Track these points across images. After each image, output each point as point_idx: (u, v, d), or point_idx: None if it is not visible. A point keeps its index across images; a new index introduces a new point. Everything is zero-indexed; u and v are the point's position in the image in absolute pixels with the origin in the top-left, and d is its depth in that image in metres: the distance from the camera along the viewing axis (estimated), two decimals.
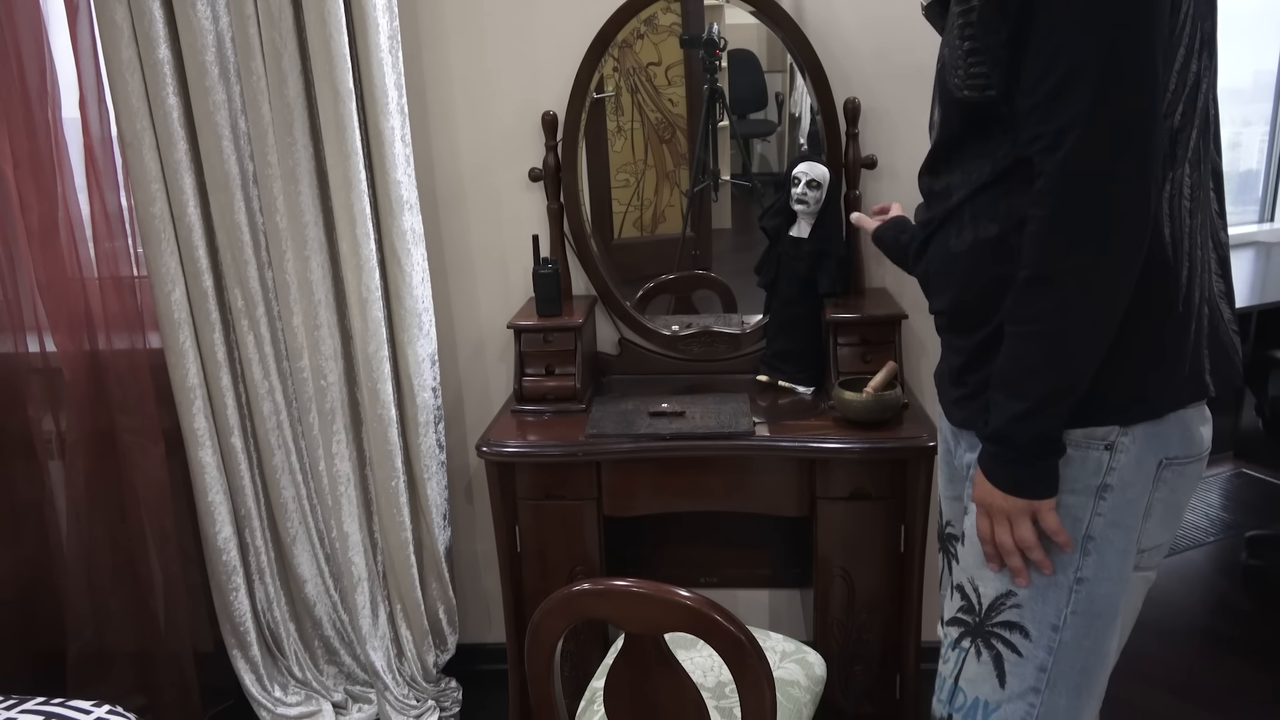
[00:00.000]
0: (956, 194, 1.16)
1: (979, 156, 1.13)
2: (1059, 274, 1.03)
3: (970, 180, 1.14)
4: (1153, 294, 1.06)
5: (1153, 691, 2.21)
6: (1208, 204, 1.13)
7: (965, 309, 1.18)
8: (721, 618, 1.18)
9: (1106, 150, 0.99)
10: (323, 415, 2.04)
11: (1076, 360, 1.05)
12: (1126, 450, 1.11)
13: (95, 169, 1.98)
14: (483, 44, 2.03)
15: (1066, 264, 1.02)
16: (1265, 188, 3.42)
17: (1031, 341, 1.06)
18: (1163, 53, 1.00)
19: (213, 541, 2.09)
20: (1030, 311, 1.05)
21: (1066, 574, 1.14)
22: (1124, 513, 1.13)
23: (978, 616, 1.20)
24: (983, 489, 1.15)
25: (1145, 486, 1.14)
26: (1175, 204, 1.08)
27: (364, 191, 1.90)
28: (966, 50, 1.09)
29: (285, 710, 2.16)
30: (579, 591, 1.22)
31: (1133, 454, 1.12)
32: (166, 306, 1.98)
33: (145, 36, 1.83)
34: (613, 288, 2.11)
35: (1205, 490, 3.21)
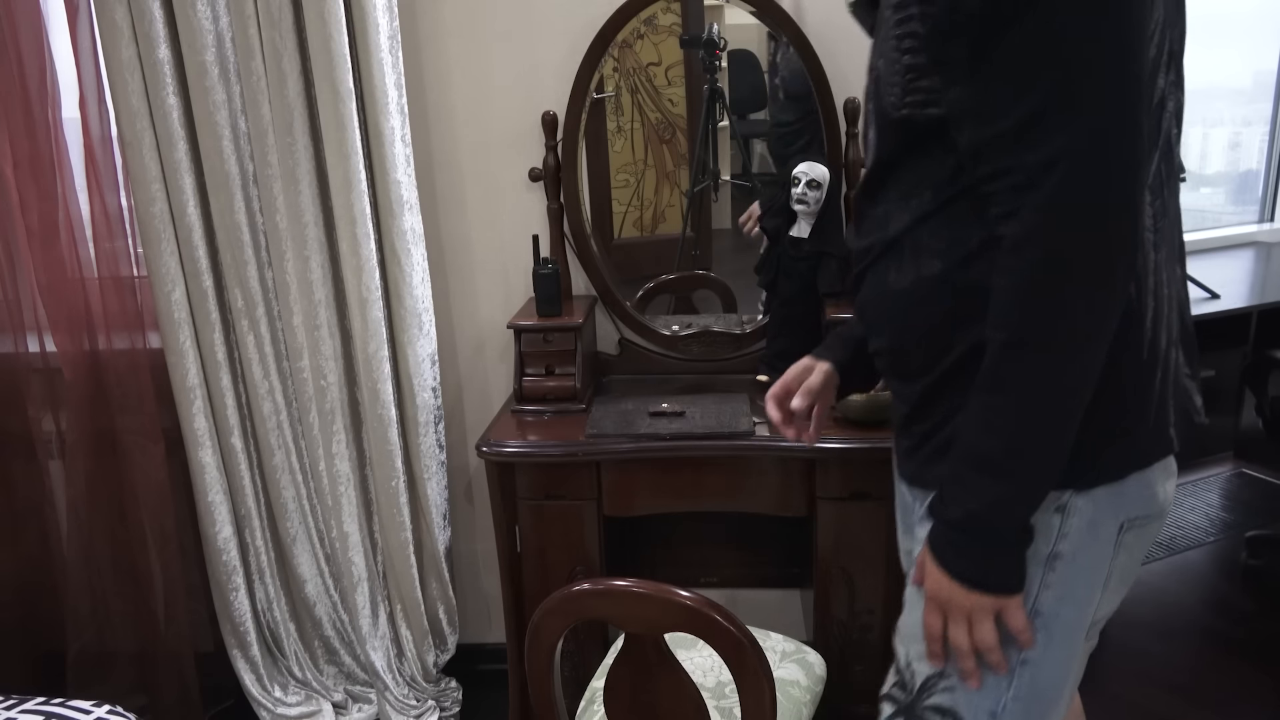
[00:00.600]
0: (895, 223, 1.01)
1: (920, 182, 0.98)
2: (1045, 336, 0.87)
3: (910, 209, 0.99)
4: (1116, 341, 0.90)
5: (1153, 691, 2.21)
6: (1171, 235, 1.02)
7: (907, 353, 1.03)
8: (721, 618, 1.18)
9: (1097, 188, 0.84)
10: (323, 415, 2.04)
11: (1068, 430, 0.90)
12: (1080, 513, 0.96)
13: (95, 169, 1.98)
14: (483, 44, 2.03)
15: (1054, 325, 0.87)
16: (1265, 188, 3.42)
17: (1015, 413, 0.90)
18: (1146, 73, 0.87)
19: (213, 541, 2.09)
20: (1012, 380, 0.90)
21: (1008, 655, 0.97)
22: (1077, 584, 0.98)
23: (909, 694, 1.05)
24: (938, 582, 0.96)
25: (1104, 554, 0.99)
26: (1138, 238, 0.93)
27: (364, 191, 1.90)
28: (907, 65, 0.95)
29: (285, 710, 2.16)
30: (579, 591, 1.22)
31: (1087, 518, 0.97)
32: (166, 306, 1.98)
33: (145, 36, 1.83)
34: (613, 288, 2.11)
35: (1205, 490, 3.21)
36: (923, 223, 0.98)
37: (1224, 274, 2.81)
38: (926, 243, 0.98)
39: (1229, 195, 3.49)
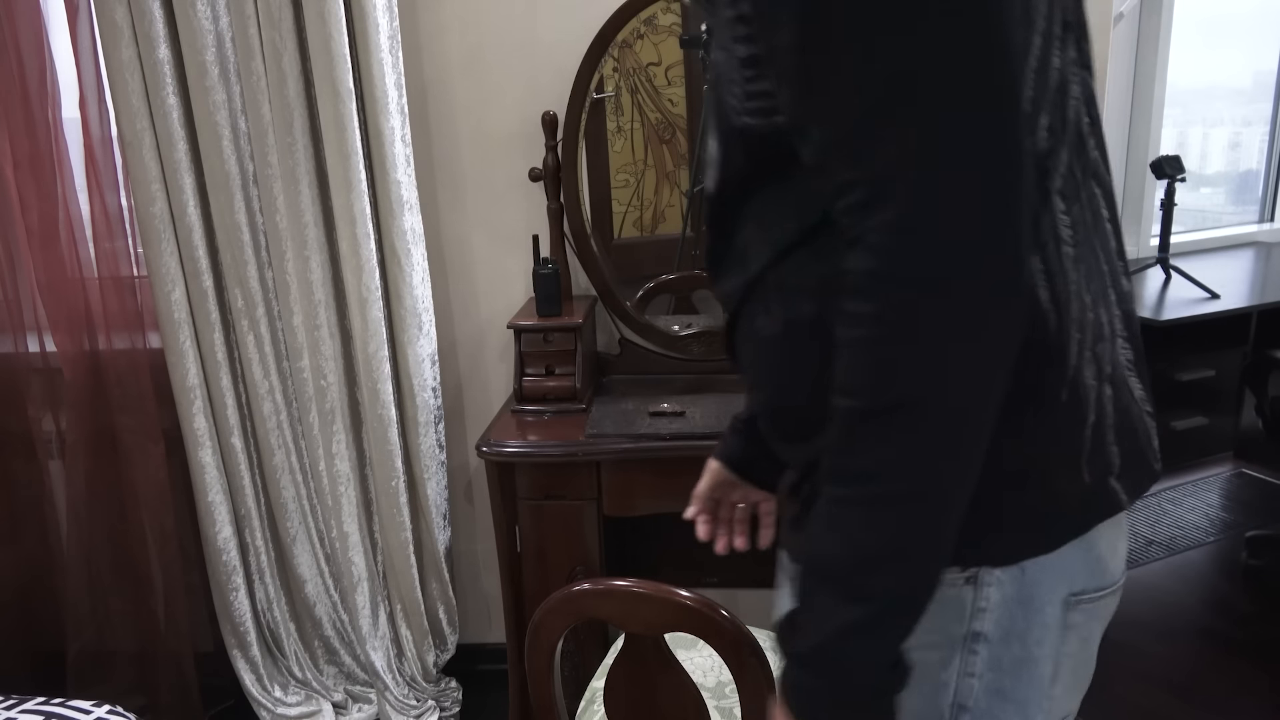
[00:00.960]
0: (755, 259, 0.81)
1: (779, 209, 0.78)
2: (901, 404, 0.65)
3: (771, 241, 0.79)
4: (1025, 386, 0.70)
5: (1153, 691, 2.21)
6: (1097, 247, 0.78)
7: (789, 411, 0.82)
8: (721, 618, 1.18)
9: (951, 205, 0.63)
10: (323, 415, 2.04)
11: (944, 532, 0.68)
12: (1002, 585, 0.76)
13: (95, 169, 1.98)
14: (483, 44, 2.03)
15: (911, 389, 0.65)
16: (1265, 188, 3.42)
17: (868, 512, 0.67)
18: (1021, 47, 0.66)
19: (213, 541, 2.09)
20: (862, 465, 0.67)
21: None
22: (1016, 676, 0.78)
23: None
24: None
25: (1047, 638, 0.78)
26: (1051, 256, 0.73)
27: (364, 191, 1.90)
28: (743, 57, 0.74)
29: (285, 710, 2.16)
30: (579, 591, 1.22)
31: (1013, 591, 0.76)
32: (166, 306, 1.98)
33: (145, 36, 1.83)
34: (613, 288, 2.11)
35: (1205, 490, 3.21)
36: (787, 257, 0.78)
37: (1224, 274, 2.81)
38: (794, 280, 0.78)
39: (1229, 195, 3.49)
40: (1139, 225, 3.02)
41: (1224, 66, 3.27)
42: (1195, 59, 3.05)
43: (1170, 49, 2.87)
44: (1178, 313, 2.47)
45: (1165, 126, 2.97)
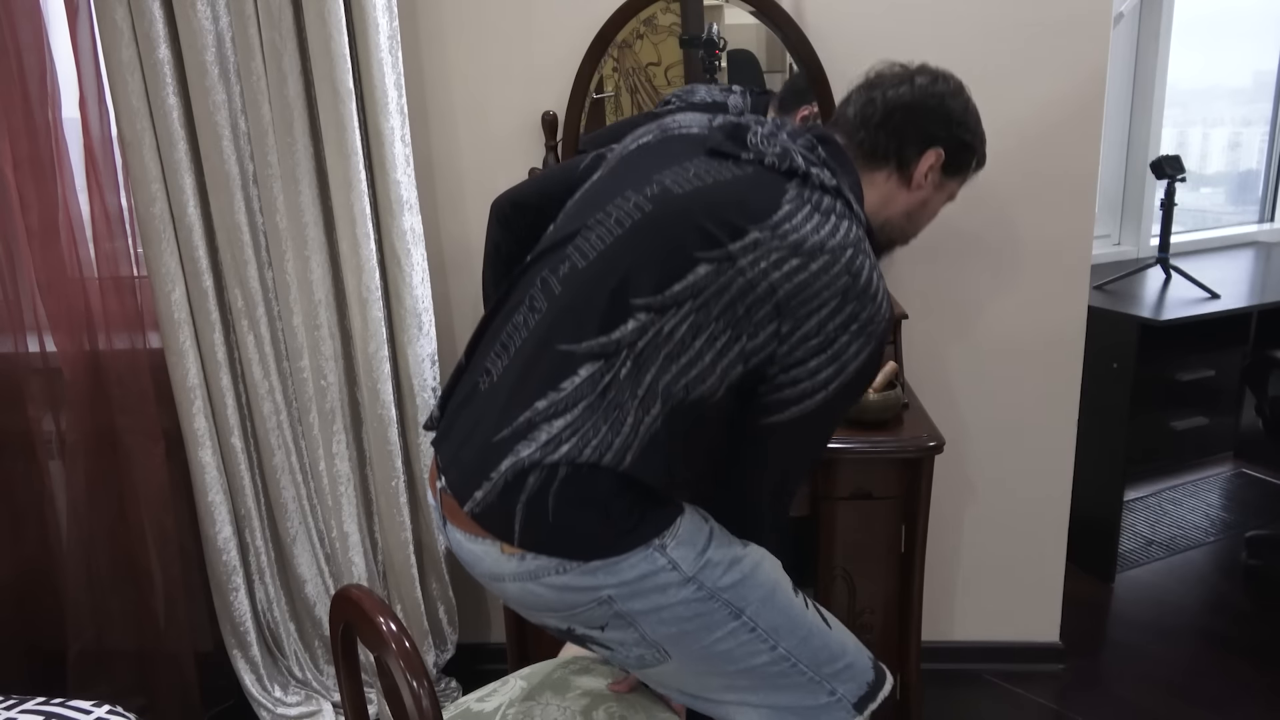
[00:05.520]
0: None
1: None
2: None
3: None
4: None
5: (1153, 691, 2.21)
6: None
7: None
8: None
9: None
10: (323, 415, 2.04)
11: None
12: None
13: (95, 169, 1.98)
14: (483, 44, 2.03)
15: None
16: (1265, 188, 3.42)
17: None
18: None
19: (213, 541, 2.09)
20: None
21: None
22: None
23: None
24: None
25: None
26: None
27: (364, 191, 1.90)
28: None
29: (285, 710, 2.16)
30: None
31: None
32: (166, 306, 1.98)
33: (145, 36, 1.83)
34: None
35: (1205, 490, 3.21)
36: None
37: (1224, 274, 2.81)
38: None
39: (1229, 195, 3.49)
40: (1139, 225, 3.02)
41: (1224, 66, 3.27)
42: (1195, 59, 3.05)
43: (1170, 49, 2.87)
44: (1178, 313, 2.48)
45: (1165, 126, 2.97)
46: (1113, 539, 2.65)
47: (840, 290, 1.13)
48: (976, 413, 2.18)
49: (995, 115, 2.00)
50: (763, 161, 1.19)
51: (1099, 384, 2.46)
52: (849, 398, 1.19)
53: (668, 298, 1.13)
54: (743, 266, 1.12)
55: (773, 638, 1.20)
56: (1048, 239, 2.06)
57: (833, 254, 1.13)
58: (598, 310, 1.15)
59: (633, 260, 1.16)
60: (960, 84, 1.33)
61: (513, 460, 1.12)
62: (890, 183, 1.30)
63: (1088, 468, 2.36)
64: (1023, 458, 2.20)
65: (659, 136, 1.30)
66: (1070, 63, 1.96)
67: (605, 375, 1.13)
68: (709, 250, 1.13)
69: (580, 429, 1.12)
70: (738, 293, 1.12)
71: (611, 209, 1.22)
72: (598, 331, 1.14)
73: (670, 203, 1.18)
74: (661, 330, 1.13)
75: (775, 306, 1.12)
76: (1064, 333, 2.12)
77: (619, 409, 1.12)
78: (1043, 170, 2.02)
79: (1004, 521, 2.25)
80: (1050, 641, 2.32)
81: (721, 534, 1.21)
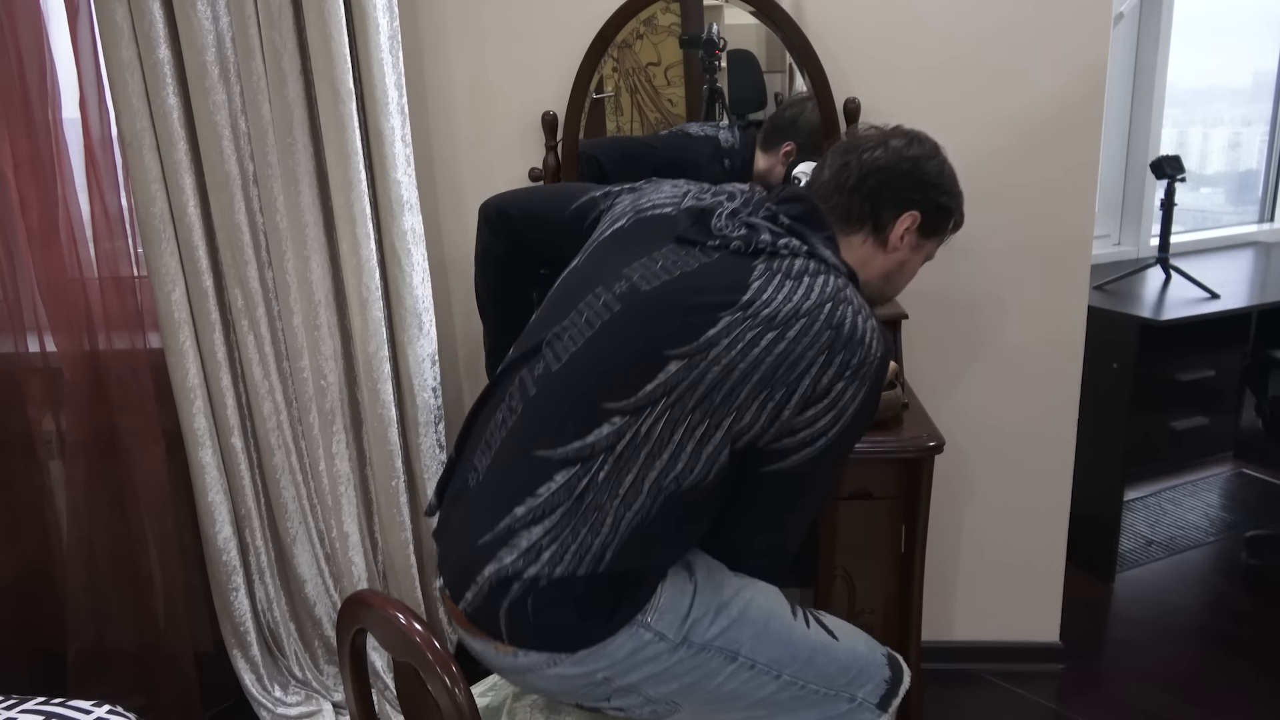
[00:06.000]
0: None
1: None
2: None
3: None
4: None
5: (1153, 691, 2.21)
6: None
7: None
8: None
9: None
10: (323, 415, 2.04)
11: None
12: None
13: (95, 169, 1.98)
14: (483, 44, 2.03)
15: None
16: (1265, 188, 3.42)
17: None
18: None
19: (213, 541, 2.09)
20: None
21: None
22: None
23: None
24: None
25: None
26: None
27: (364, 191, 1.90)
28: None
29: (285, 710, 2.16)
30: None
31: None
32: (166, 306, 1.98)
33: (145, 36, 1.83)
34: None
35: (1205, 490, 3.21)
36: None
37: (1224, 274, 2.81)
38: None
39: (1229, 195, 3.49)
40: (1139, 225, 3.02)
41: (1224, 66, 3.27)
42: (1195, 59, 3.05)
43: (1170, 49, 2.87)
44: (1178, 313, 2.48)
45: (1165, 126, 2.97)
46: (1113, 539, 2.65)
47: (825, 345, 1.14)
48: (976, 412, 2.18)
49: (995, 115, 2.01)
50: (729, 246, 1.20)
51: (1099, 384, 2.46)
52: (850, 440, 1.20)
53: (641, 398, 1.13)
54: (716, 355, 1.12)
55: (775, 668, 1.23)
56: (1048, 239, 2.06)
57: (809, 315, 1.14)
58: (572, 415, 1.16)
59: (604, 362, 1.17)
60: (936, 145, 1.34)
61: (496, 567, 1.15)
62: (867, 245, 1.30)
63: (1088, 468, 2.36)
64: (1023, 457, 2.20)
65: (632, 220, 1.31)
66: (1070, 63, 1.96)
67: (582, 480, 1.14)
68: (679, 346, 1.13)
69: (559, 535, 1.13)
70: (713, 382, 1.12)
71: (584, 307, 1.23)
72: (573, 436, 1.15)
73: (638, 301, 1.18)
74: (639, 431, 1.13)
75: (760, 382, 1.13)
76: (1064, 333, 2.12)
77: (598, 511, 1.14)
78: (1043, 170, 2.02)
79: (1004, 521, 2.25)
80: (1050, 641, 2.32)
81: (706, 581, 1.22)
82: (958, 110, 2.00)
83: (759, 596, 1.26)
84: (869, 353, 1.16)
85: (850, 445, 1.22)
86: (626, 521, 1.14)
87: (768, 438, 1.16)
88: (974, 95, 2.00)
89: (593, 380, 1.17)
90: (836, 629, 1.32)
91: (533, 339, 1.27)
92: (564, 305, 1.26)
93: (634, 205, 1.34)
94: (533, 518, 1.14)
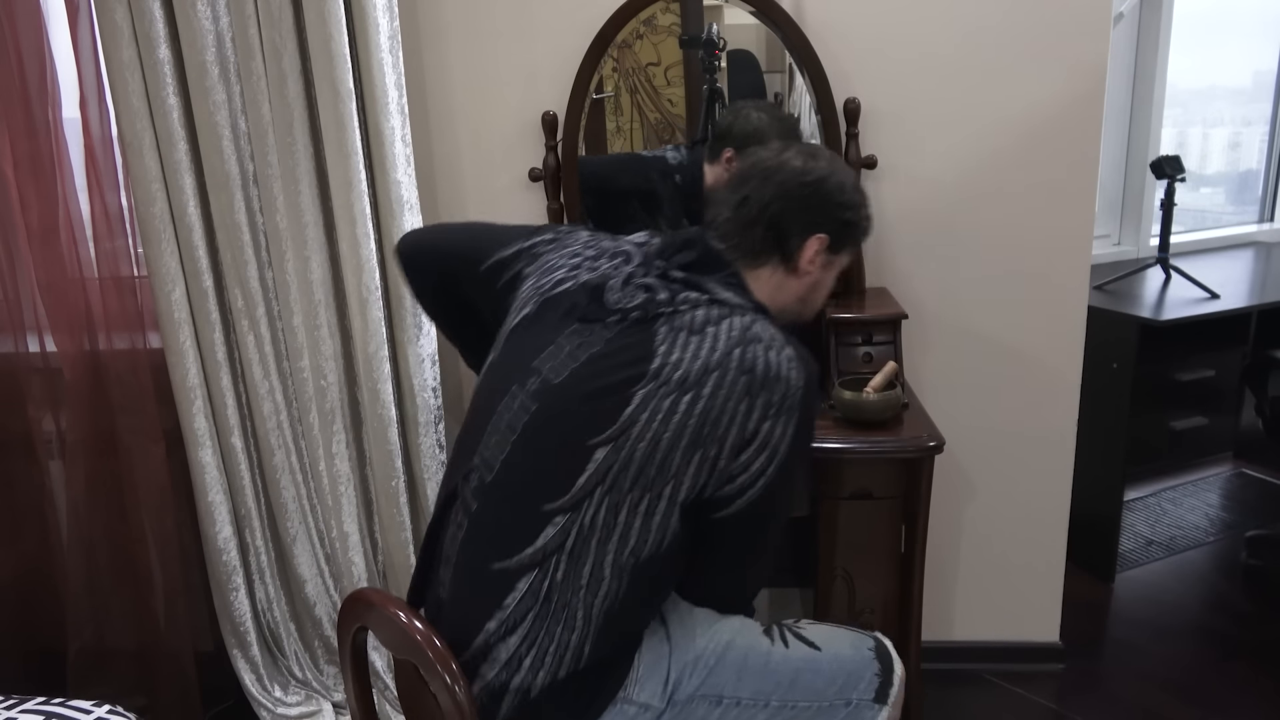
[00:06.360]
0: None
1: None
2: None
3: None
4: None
5: (1153, 691, 2.21)
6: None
7: None
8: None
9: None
10: (323, 415, 2.04)
11: None
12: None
13: (95, 169, 1.98)
14: (482, 44, 2.03)
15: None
16: (1265, 188, 3.42)
17: None
18: None
19: (213, 541, 2.09)
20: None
21: None
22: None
23: None
24: None
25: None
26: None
27: (364, 192, 1.90)
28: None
29: (285, 710, 2.16)
30: None
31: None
32: (166, 306, 1.98)
33: (145, 36, 1.83)
34: None
35: (1205, 490, 3.21)
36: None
37: (1224, 274, 2.81)
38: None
39: (1229, 195, 3.49)
40: (1139, 225, 3.02)
41: (1224, 66, 3.27)
42: (1195, 59, 3.05)
43: (1170, 49, 2.87)
44: (1178, 313, 2.48)
45: (1165, 126, 2.97)
46: (1113, 539, 2.64)
47: (743, 392, 1.13)
48: (976, 413, 2.18)
49: (995, 115, 2.01)
50: (628, 317, 1.19)
51: (1099, 384, 2.46)
52: (791, 471, 1.20)
53: (577, 493, 1.13)
54: (639, 432, 1.12)
55: (761, 699, 1.24)
56: (1048, 239, 2.06)
57: (721, 367, 1.13)
58: (515, 524, 1.16)
59: (533, 466, 1.17)
60: (832, 158, 1.32)
61: (482, 684, 1.16)
62: (777, 274, 1.29)
63: (1088, 468, 2.36)
64: (1023, 458, 2.20)
65: (537, 305, 1.29)
66: (1070, 63, 1.96)
67: (543, 583, 1.14)
68: (600, 434, 1.13)
69: (535, 640, 1.14)
70: (643, 458, 1.12)
71: (503, 410, 1.22)
72: (522, 545, 1.15)
73: (552, 396, 1.18)
74: (584, 524, 1.13)
75: (690, 445, 1.13)
76: (1064, 332, 2.12)
77: (566, 608, 1.14)
78: (1043, 170, 2.02)
79: (1004, 521, 2.25)
80: (1050, 641, 2.32)
81: (680, 635, 1.24)
82: (958, 110, 2.00)
83: (733, 636, 1.27)
84: (789, 386, 1.15)
85: (794, 475, 1.22)
86: (597, 608, 1.14)
87: (710, 489, 1.16)
88: (974, 95, 2.00)
89: (527, 486, 1.17)
90: (818, 638, 1.31)
91: (464, 450, 1.27)
92: (486, 410, 1.25)
93: (536, 287, 1.31)
94: (505, 630, 1.15)
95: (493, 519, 1.19)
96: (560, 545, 1.14)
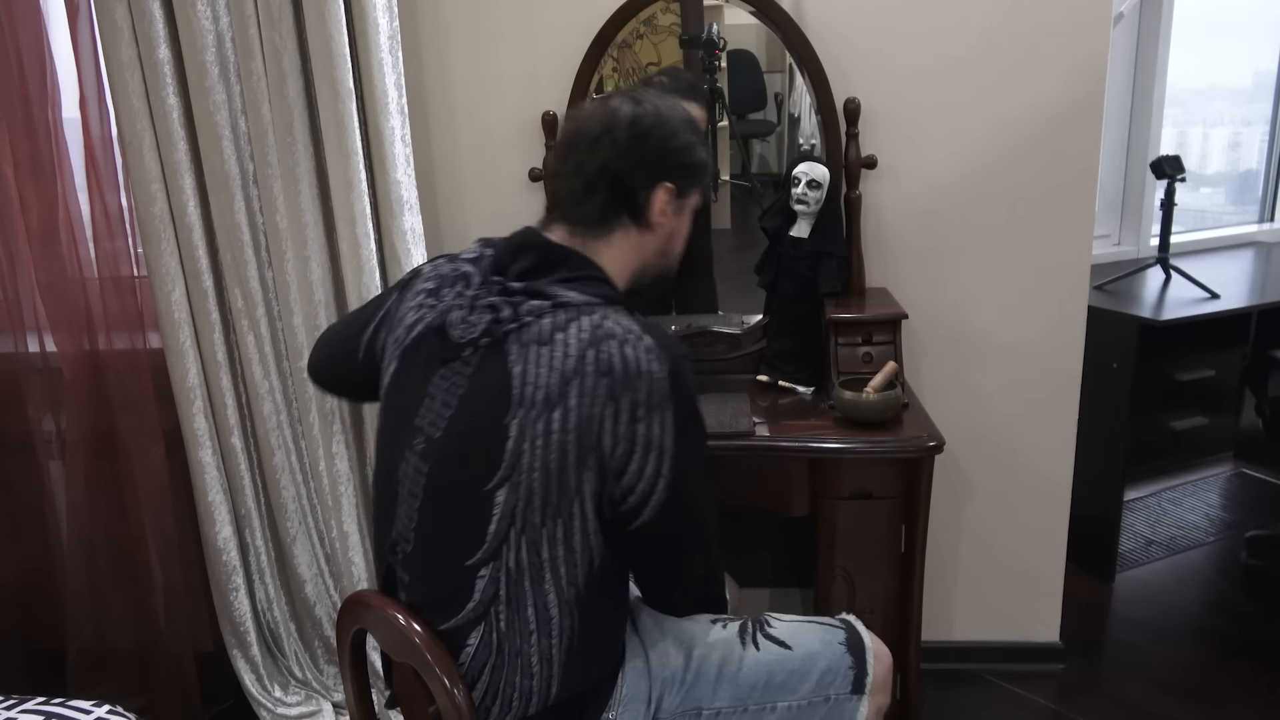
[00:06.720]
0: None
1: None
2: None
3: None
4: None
5: (1153, 691, 2.21)
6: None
7: None
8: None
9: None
10: (323, 415, 2.04)
11: None
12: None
13: (95, 169, 1.98)
14: (482, 44, 2.03)
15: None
16: (1265, 188, 3.42)
17: None
18: None
19: (213, 541, 2.09)
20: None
21: None
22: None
23: None
24: None
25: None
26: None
27: (364, 192, 1.90)
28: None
29: (285, 710, 2.16)
30: None
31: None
32: (166, 306, 1.98)
33: (145, 36, 1.83)
34: None
35: (1205, 490, 3.21)
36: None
37: (1224, 274, 2.81)
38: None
39: (1229, 195, 3.49)
40: (1139, 225, 3.02)
41: (1224, 66, 3.27)
42: (1195, 59, 3.05)
43: (1170, 49, 2.87)
44: (1178, 313, 2.48)
45: (1165, 126, 2.97)
46: (1113, 539, 2.65)
47: (606, 396, 1.10)
48: (976, 412, 2.18)
49: (995, 115, 2.01)
50: (479, 347, 1.15)
51: (1099, 384, 2.46)
52: (692, 464, 1.16)
53: (493, 541, 1.11)
54: (527, 463, 1.10)
55: (739, 704, 1.25)
56: (1048, 239, 2.06)
57: (579, 374, 1.10)
58: (446, 586, 1.15)
59: (444, 527, 1.16)
60: (654, 103, 1.24)
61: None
62: (630, 235, 1.24)
63: (1088, 468, 2.36)
64: (1023, 457, 2.20)
65: (398, 361, 1.25)
66: (1070, 63, 1.96)
67: (491, 635, 1.13)
68: (493, 477, 1.11)
69: (498, 690, 1.14)
70: (542, 488, 1.10)
71: (403, 477, 1.20)
72: (460, 604, 1.14)
73: (437, 452, 1.16)
74: (509, 569, 1.12)
75: (578, 461, 1.10)
76: (1064, 332, 2.12)
77: (519, 656, 1.13)
78: (1043, 170, 2.02)
79: (1004, 521, 2.25)
80: (1050, 641, 2.32)
81: (658, 655, 1.24)
82: (958, 110, 2.00)
83: (706, 649, 1.27)
84: (652, 380, 1.11)
85: (698, 464, 1.18)
86: (556, 648, 1.14)
87: (617, 498, 1.13)
88: (974, 95, 2.00)
89: (443, 547, 1.15)
90: (789, 637, 1.31)
91: (383, 528, 1.25)
92: (389, 482, 1.23)
93: (394, 341, 1.27)
94: (467, 684, 1.14)
95: (425, 585, 1.18)
96: (495, 595, 1.12)
